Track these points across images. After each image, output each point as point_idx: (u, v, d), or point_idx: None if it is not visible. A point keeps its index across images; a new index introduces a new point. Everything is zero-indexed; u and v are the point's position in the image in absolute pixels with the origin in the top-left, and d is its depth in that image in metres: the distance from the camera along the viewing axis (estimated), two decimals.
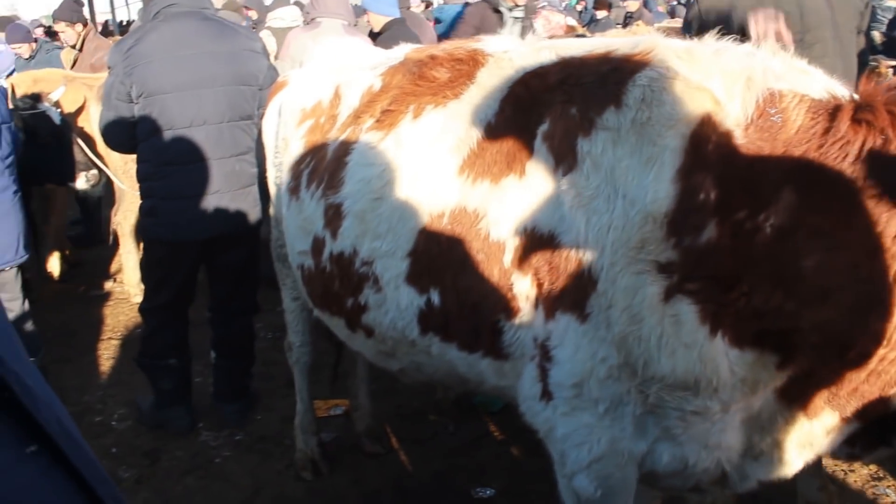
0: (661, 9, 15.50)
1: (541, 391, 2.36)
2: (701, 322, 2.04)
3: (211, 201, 4.30)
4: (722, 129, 2.07)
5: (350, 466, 4.23)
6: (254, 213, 4.48)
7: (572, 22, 11.47)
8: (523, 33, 6.44)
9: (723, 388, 2.09)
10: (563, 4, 10.47)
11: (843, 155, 1.95)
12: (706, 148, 2.06)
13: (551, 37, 5.41)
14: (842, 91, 2.12)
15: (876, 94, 1.99)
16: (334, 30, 5.67)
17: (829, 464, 3.98)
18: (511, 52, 2.69)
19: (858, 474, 3.95)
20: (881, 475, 3.93)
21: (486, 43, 2.84)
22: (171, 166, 4.24)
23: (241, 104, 4.32)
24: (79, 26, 8.82)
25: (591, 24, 12.65)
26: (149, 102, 4.16)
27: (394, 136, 2.77)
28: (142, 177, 4.41)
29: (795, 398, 2.15)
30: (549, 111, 2.36)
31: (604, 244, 2.14)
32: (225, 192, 4.32)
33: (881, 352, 1.98)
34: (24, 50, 9.09)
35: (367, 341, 2.96)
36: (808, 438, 2.24)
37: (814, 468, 3.16)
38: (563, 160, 2.27)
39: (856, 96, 2.05)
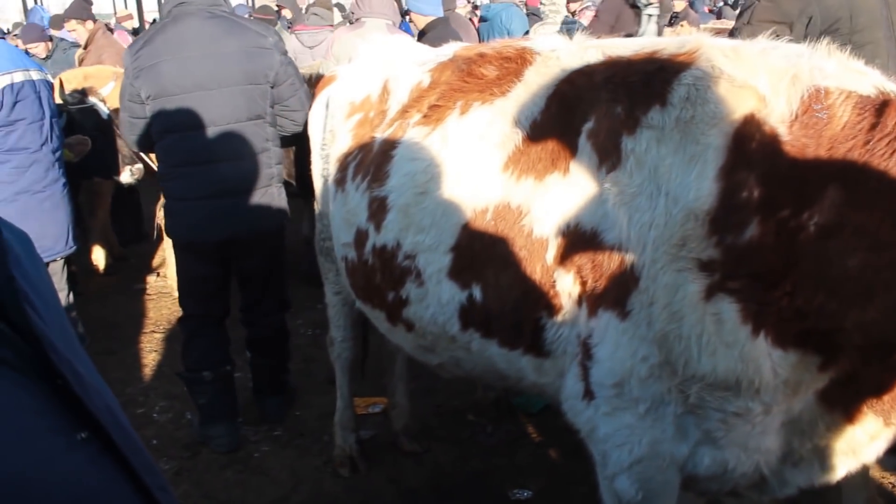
0: (707, 9, 15.33)
1: (583, 390, 2.35)
2: (743, 321, 2.02)
3: (224, 203, 4.20)
4: (766, 127, 2.04)
5: (387, 464, 4.23)
6: (273, 214, 4.36)
7: None
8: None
9: (765, 389, 2.06)
10: None
11: (891, 151, 1.89)
12: (749, 146, 2.04)
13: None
14: (892, 87, 2.06)
15: None
16: (378, 29, 5.70)
17: (877, 476, 3.89)
18: (559, 51, 2.68)
19: None
20: None
21: (534, 42, 2.86)
22: (182, 168, 4.20)
23: (250, 104, 4.20)
24: (89, 23, 8.93)
25: None
26: (156, 104, 4.13)
27: (440, 131, 2.79)
28: (159, 177, 4.40)
29: (837, 402, 2.12)
30: (594, 109, 2.36)
31: (646, 241, 2.12)
32: (238, 194, 4.21)
33: None
34: (41, 49, 9.22)
35: (408, 335, 2.97)
36: (851, 445, 2.20)
37: (861, 479, 3.08)
38: (608, 158, 2.26)
39: None
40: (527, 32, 7.80)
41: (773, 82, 2.08)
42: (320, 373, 5.10)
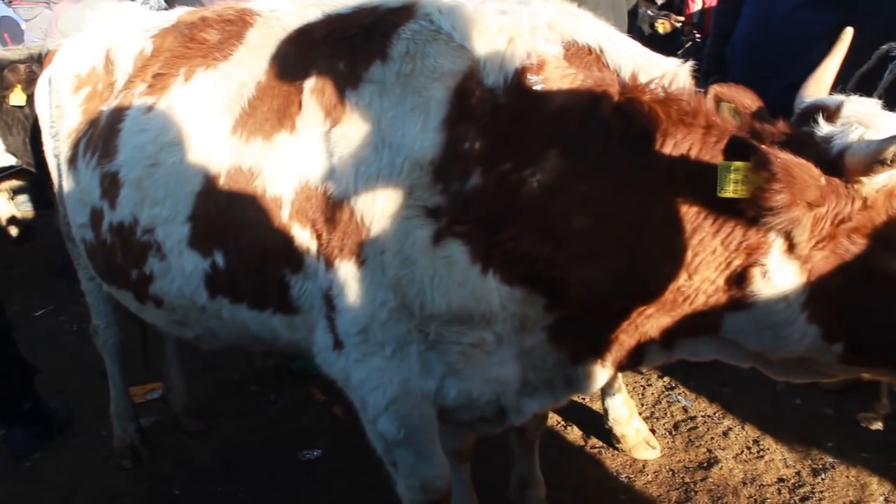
0: None
1: (332, 341, 2.42)
2: (472, 261, 2.15)
3: None
4: (485, 86, 2.15)
5: (173, 448, 4.15)
6: None
7: None
8: None
9: (495, 320, 2.23)
10: None
11: (607, 136, 2.06)
12: (470, 101, 2.15)
13: None
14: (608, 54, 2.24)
15: (642, 88, 2.09)
16: None
17: (628, 382, 4.34)
18: (279, 12, 2.70)
19: (654, 387, 4.33)
20: (673, 385, 4.33)
21: (254, 3, 2.85)
22: None
23: None
24: None
25: None
26: None
27: (166, 100, 2.74)
28: None
29: (563, 342, 2.31)
30: (316, 67, 2.40)
31: (374, 192, 2.21)
32: None
33: (641, 309, 2.16)
34: None
35: (158, 312, 2.92)
36: (572, 380, 2.42)
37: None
38: (332, 113, 2.32)
39: (622, 83, 2.13)
40: None
41: (487, 44, 2.18)
42: (90, 368, 4.85)
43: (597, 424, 3.92)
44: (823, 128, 1.95)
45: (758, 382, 4.27)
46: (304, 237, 2.38)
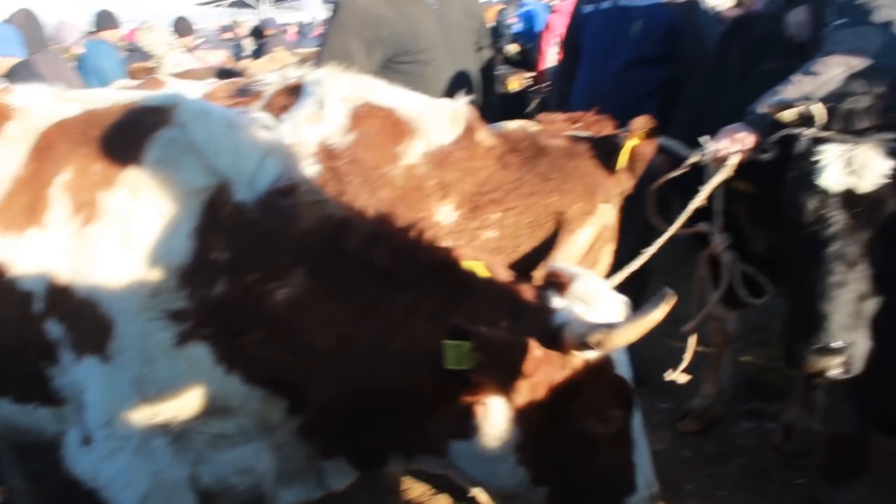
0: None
1: (81, 437, 2.41)
2: (216, 362, 2.26)
3: None
4: (235, 200, 2.28)
5: None
6: None
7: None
8: None
9: (234, 414, 2.34)
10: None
11: (351, 265, 2.24)
12: (220, 214, 2.27)
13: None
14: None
15: (390, 230, 2.31)
16: None
17: None
18: (39, 105, 2.69)
19: None
20: None
21: (15, 95, 2.79)
22: None
23: None
24: None
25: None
26: None
27: None
28: None
29: (313, 438, 2.43)
30: (71, 164, 2.42)
31: (119, 291, 2.26)
32: None
33: (377, 423, 2.33)
34: None
35: None
36: (323, 473, 2.56)
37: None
38: (83, 211, 2.35)
39: (373, 217, 2.34)
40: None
41: (238, 160, 2.32)
42: None
43: None
44: (553, 300, 2.25)
45: None
46: (56, 331, 2.37)
